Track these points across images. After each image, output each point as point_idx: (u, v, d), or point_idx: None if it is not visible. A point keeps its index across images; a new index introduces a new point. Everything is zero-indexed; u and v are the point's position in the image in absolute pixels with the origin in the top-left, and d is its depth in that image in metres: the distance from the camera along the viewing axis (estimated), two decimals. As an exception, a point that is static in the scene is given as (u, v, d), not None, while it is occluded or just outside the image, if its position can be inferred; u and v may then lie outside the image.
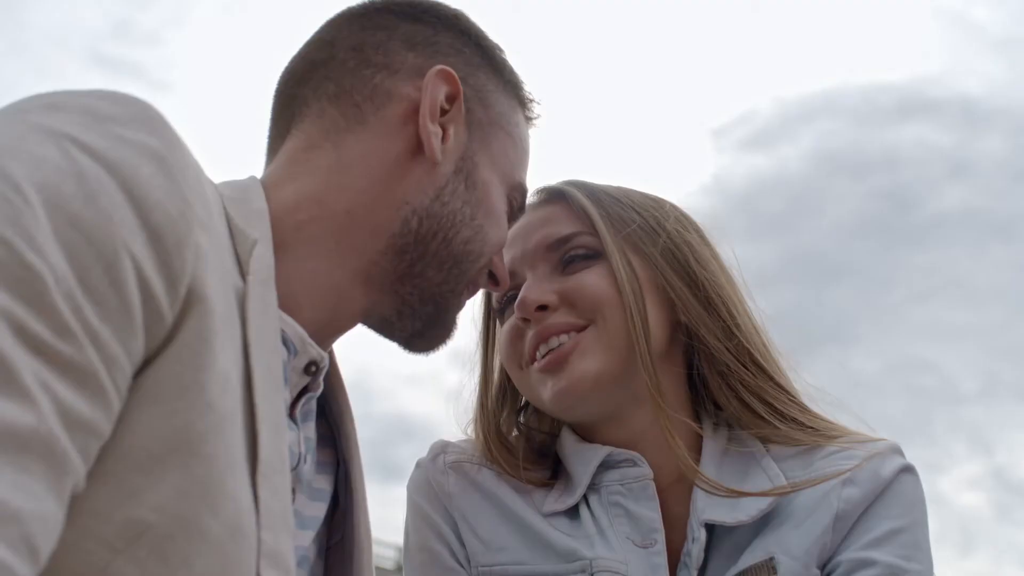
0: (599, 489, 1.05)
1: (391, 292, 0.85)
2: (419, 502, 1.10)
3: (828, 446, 1.02)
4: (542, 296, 1.03)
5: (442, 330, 0.92)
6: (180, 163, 0.60)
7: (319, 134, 0.85)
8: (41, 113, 0.58)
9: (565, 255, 1.06)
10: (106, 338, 0.52)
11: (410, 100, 0.86)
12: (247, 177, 0.83)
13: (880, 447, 1.01)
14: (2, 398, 0.46)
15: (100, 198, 0.54)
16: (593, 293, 1.03)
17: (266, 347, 0.67)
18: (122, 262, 0.53)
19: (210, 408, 0.58)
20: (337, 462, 0.90)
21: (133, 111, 0.61)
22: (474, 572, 1.03)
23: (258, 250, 0.70)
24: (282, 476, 0.65)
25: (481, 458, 1.11)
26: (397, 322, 0.88)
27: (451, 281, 0.88)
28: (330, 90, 0.86)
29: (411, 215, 0.84)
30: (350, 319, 0.87)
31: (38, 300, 0.49)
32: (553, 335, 1.03)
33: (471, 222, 0.87)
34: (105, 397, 0.52)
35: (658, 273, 1.04)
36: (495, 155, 0.91)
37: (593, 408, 1.05)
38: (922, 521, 0.97)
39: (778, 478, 0.99)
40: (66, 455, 0.49)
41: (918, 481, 1.00)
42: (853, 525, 0.95)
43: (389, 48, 0.88)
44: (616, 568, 0.97)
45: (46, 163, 0.53)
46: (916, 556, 0.94)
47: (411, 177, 0.84)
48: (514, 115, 0.96)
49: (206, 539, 0.56)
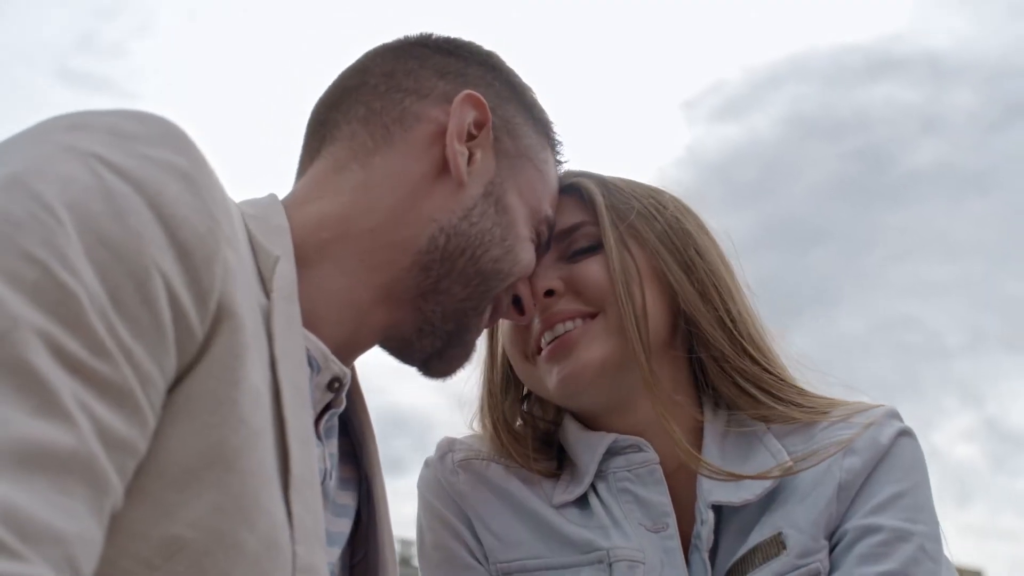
0: (606, 476, 1.05)
1: (413, 309, 0.86)
2: (431, 501, 1.10)
3: (826, 419, 1.03)
4: (549, 281, 1.04)
5: (461, 350, 0.92)
6: (206, 181, 0.61)
7: (348, 156, 0.87)
8: (66, 133, 0.58)
9: (570, 245, 1.07)
10: (140, 356, 0.52)
11: (438, 123, 0.87)
12: (266, 195, 0.84)
13: (877, 414, 1.02)
14: (42, 419, 0.46)
15: (129, 217, 0.54)
16: (597, 282, 1.03)
17: (292, 363, 0.67)
18: (153, 280, 0.54)
19: (243, 423, 0.58)
20: (358, 479, 0.90)
21: (158, 130, 0.61)
22: (492, 569, 1.04)
23: (281, 267, 0.71)
24: (313, 491, 0.66)
25: (490, 452, 1.11)
26: (417, 341, 0.89)
27: (475, 298, 0.89)
28: (360, 113, 0.88)
29: (438, 232, 0.85)
30: (371, 337, 0.87)
31: (74, 320, 0.49)
32: (559, 322, 1.04)
33: (502, 242, 0.89)
34: (141, 415, 0.52)
35: (659, 261, 1.06)
36: (522, 186, 0.93)
37: (597, 396, 1.06)
38: (924, 482, 0.99)
39: (780, 454, 1.01)
40: (105, 475, 0.49)
41: (917, 443, 1.01)
42: (856, 493, 0.97)
43: (420, 75, 0.90)
44: (634, 556, 0.98)
45: (75, 182, 0.54)
46: (920, 517, 0.95)
47: (437, 196, 0.86)
48: (542, 151, 0.98)
49: (243, 554, 0.56)
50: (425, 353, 0.90)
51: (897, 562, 0.92)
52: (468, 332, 0.91)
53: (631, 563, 0.97)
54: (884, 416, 1.02)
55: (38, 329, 0.48)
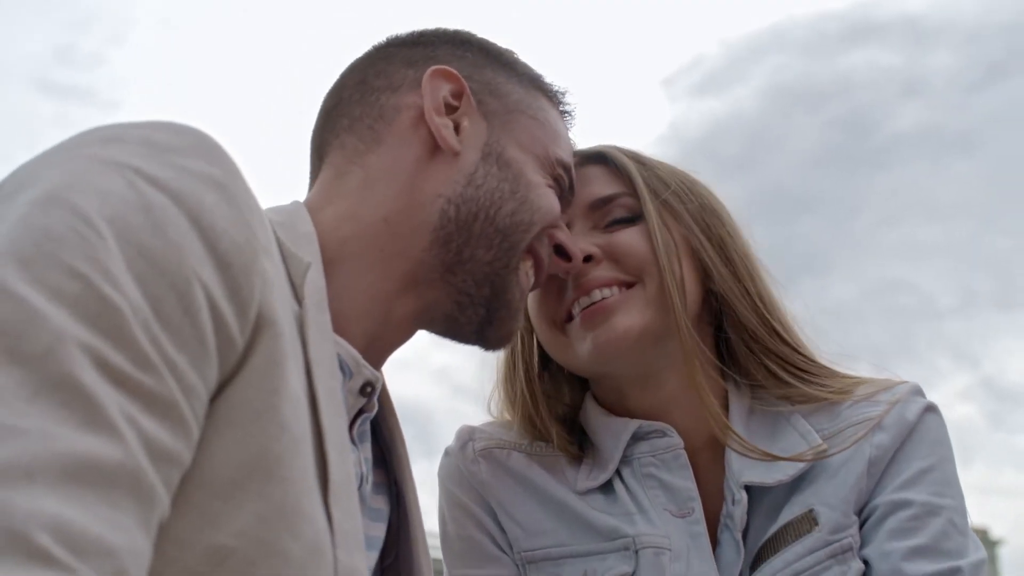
0: (631, 462, 1.05)
1: (444, 285, 0.86)
2: (454, 491, 1.10)
3: (851, 397, 1.04)
4: (588, 247, 1.02)
5: (507, 311, 0.90)
6: (241, 191, 0.61)
7: (344, 162, 0.88)
8: (100, 146, 0.58)
9: (607, 215, 1.07)
10: (183, 367, 0.53)
11: (416, 107, 0.88)
12: (291, 202, 0.85)
13: (902, 391, 1.04)
14: (90, 433, 0.46)
15: (168, 228, 0.54)
16: (638, 251, 1.03)
17: (326, 370, 0.68)
18: (194, 291, 0.54)
19: (284, 430, 0.58)
20: (388, 483, 0.90)
21: (192, 140, 0.61)
22: (516, 558, 1.04)
23: (311, 274, 0.71)
24: (351, 496, 0.66)
25: (511, 439, 1.11)
26: (460, 315, 0.88)
27: (503, 257, 0.88)
28: (344, 124, 0.90)
29: (447, 205, 0.85)
30: (401, 330, 0.87)
31: (118, 333, 0.49)
32: (596, 288, 1.03)
33: (513, 195, 0.88)
34: (185, 426, 0.53)
35: (694, 238, 1.06)
36: (520, 137, 0.92)
37: (629, 367, 1.05)
38: (949, 457, 1.01)
39: (810, 435, 1.02)
40: (152, 488, 0.49)
41: (941, 419, 1.03)
42: (885, 469, 0.98)
43: (389, 72, 0.91)
44: (660, 543, 0.98)
45: (113, 195, 0.54)
46: (947, 491, 0.97)
47: (436, 172, 0.86)
48: (535, 100, 0.97)
49: (287, 562, 0.56)
50: (473, 324, 0.90)
51: (928, 536, 0.93)
52: (507, 292, 0.90)
53: (657, 550, 0.98)
54: (909, 393, 1.04)
55: (83, 343, 0.48)
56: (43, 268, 0.49)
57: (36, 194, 0.53)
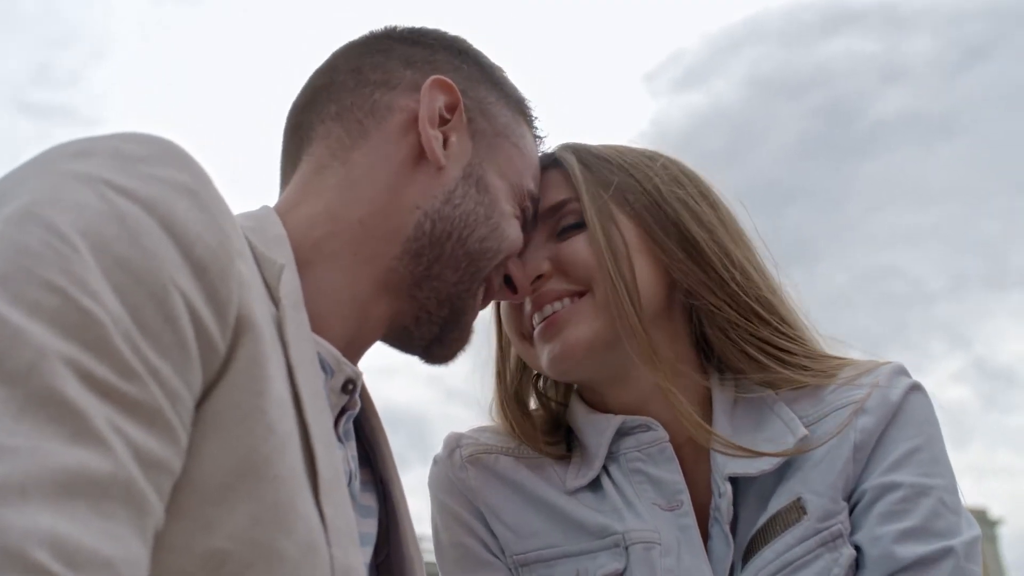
0: (617, 458, 1.05)
1: (409, 298, 0.87)
2: (443, 499, 1.10)
3: (835, 381, 1.03)
4: (537, 267, 1.03)
5: (459, 334, 0.93)
6: (212, 196, 0.61)
7: (326, 154, 0.87)
8: (70, 161, 0.58)
9: (557, 223, 1.07)
10: (167, 374, 0.53)
11: (409, 111, 0.88)
12: (259, 207, 0.85)
13: (884, 372, 1.02)
14: (79, 446, 0.46)
15: (142, 237, 0.55)
16: (583, 260, 1.02)
17: (307, 369, 0.68)
18: (172, 298, 0.54)
19: (272, 431, 0.59)
20: (374, 480, 0.91)
21: (159, 149, 0.61)
22: (509, 562, 1.04)
23: (286, 275, 0.72)
24: (341, 493, 0.66)
25: (497, 444, 1.11)
26: (416, 330, 0.89)
27: (467, 280, 0.89)
28: (332, 111, 0.89)
29: (423, 218, 0.86)
30: (375, 331, 0.88)
31: (99, 344, 0.50)
32: (548, 302, 1.03)
33: (487, 221, 0.89)
34: (173, 433, 0.53)
35: (649, 233, 1.04)
36: (501, 164, 0.93)
37: (590, 373, 1.05)
38: (937, 436, 0.99)
39: (793, 421, 1.00)
40: (145, 496, 0.50)
41: (927, 397, 1.01)
42: (872, 452, 0.97)
43: (387, 67, 0.90)
44: (649, 538, 0.98)
45: (86, 208, 0.54)
46: (936, 471, 0.95)
47: (417, 182, 0.86)
48: (518, 127, 0.98)
49: (283, 561, 0.57)
50: (424, 340, 0.91)
51: (918, 518, 0.92)
52: (464, 315, 0.92)
53: (647, 544, 0.97)
54: (892, 373, 1.02)
55: (65, 357, 0.48)
56: (20, 285, 0.49)
57: (9, 212, 0.53)
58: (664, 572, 0.96)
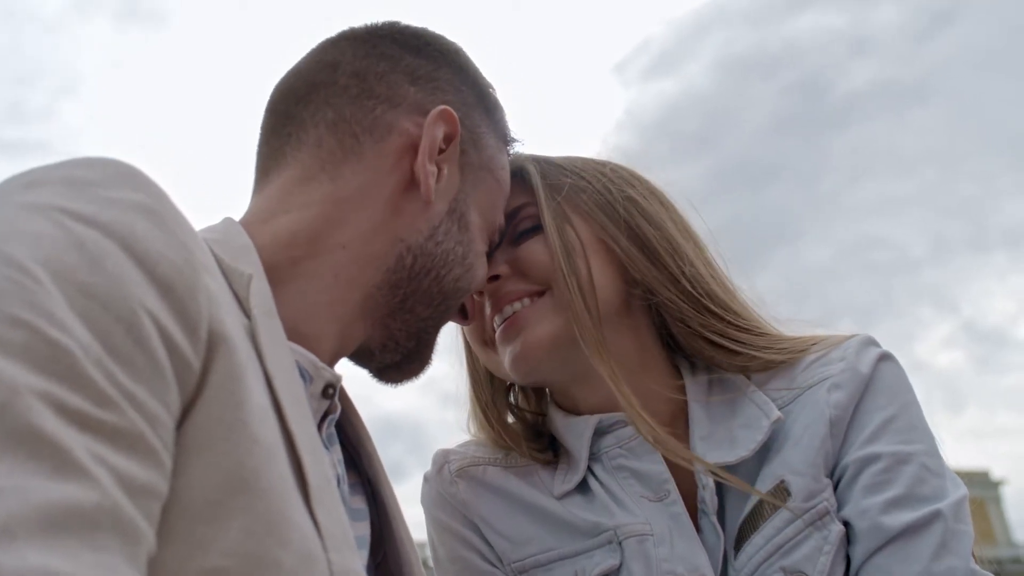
0: (600, 457, 1.06)
1: (382, 327, 0.87)
2: (437, 515, 1.11)
3: (805, 358, 1.04)
4: (494, 267, 1.04)
5: (418, 364, 0.94)
6: (171, 213, 0.60)
7: (315, 165, 0.85)
8: (23, 192, 0.57)
9: (515, 227, 1.08)
10: (143, 398, 0.52)
11: (408, 136, 0.87)
12: (221, 220, 0.83)
13: (853, 344, 1.03)
14: (62, 480, 0.45)
15: (105, 262, 0.54)
16: (540, 260, 1.04)
17: (286, 377, 0.67)
18: (141, 320, 0.53)
19: (256, 442, 0.58)
20: (362, 483, 0.90)
21: (113, 171, 0.60)
22: (508, 570, 1.05)
23: (255, 285, 0.71)
24: (332, 497, 0.66)
25: (484, 455, 1.12)
26: (379, 354, 0.90)
27: (437, 316, 0.90)
28: (329, 117, 0.87)
29: (406, 252, 0.85)
30: (349, 349, 0.88)
31: (72, 375, 0.49)
32: (507, 303, 1.05)
33: (463, 261, 0.90)
34: (156, 457, 0.52)
35: (602, 231, 1.05)
36: (481, 200, 0.94)
37: (553, 373, 1.06)
38: (912, 401, 0.99)
39: (766, 404, 1.01)
40: (134, 523, 0.49)
41: (897, 365, 1.01)
42: (848, 426, 0.97)
43: (391, 80, 0.89)
44: (641, 530, 0.98)
45: (44, 238, 0.53)
46: (915, 436, 0.96)
47: (406, 214, 0.86)
48: (500, 157, 0.98)
49: (281, 572, 0.56)
50: (383, 364, 0.92)
51: (902, 486, 0.92)
52: (428, 347, 0.93)
53: (640, 537, 0.98)
54: (860, 345, 1.02)
55: (38, 391, 0.47)
56: None
57: None
58: (659, 562, 0.96)
